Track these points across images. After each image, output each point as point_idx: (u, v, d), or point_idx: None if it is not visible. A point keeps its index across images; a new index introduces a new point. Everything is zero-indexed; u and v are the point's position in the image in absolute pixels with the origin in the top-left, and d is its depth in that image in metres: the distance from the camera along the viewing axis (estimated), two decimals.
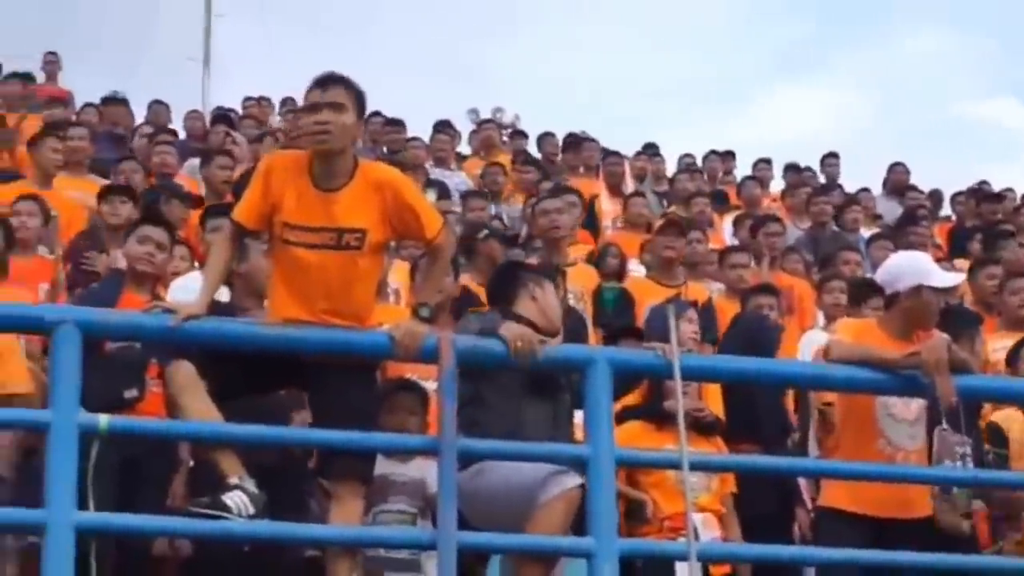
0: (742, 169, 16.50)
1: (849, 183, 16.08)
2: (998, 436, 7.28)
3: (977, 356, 7.30)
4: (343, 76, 5.58)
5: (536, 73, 45.05)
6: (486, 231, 10.01)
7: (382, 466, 6.35)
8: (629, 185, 14.41)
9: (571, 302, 8.73)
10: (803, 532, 7.87)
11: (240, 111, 17.20)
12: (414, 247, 8.50)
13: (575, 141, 15.62)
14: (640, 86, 45.96)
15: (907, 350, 6.03)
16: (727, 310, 9.36)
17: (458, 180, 13.69)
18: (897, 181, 15.94)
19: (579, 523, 5.55)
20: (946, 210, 16.02)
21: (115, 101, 15.09)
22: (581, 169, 14.93)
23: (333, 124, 5.46)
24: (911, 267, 6.52)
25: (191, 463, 6.97)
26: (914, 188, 15.90)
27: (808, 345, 9.10)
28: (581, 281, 9.41)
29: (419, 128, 15.11)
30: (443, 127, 15.21)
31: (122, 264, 7.67)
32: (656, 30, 49.60)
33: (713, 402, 7.63)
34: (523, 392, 6.03)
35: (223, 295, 6.83)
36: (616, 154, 15.16)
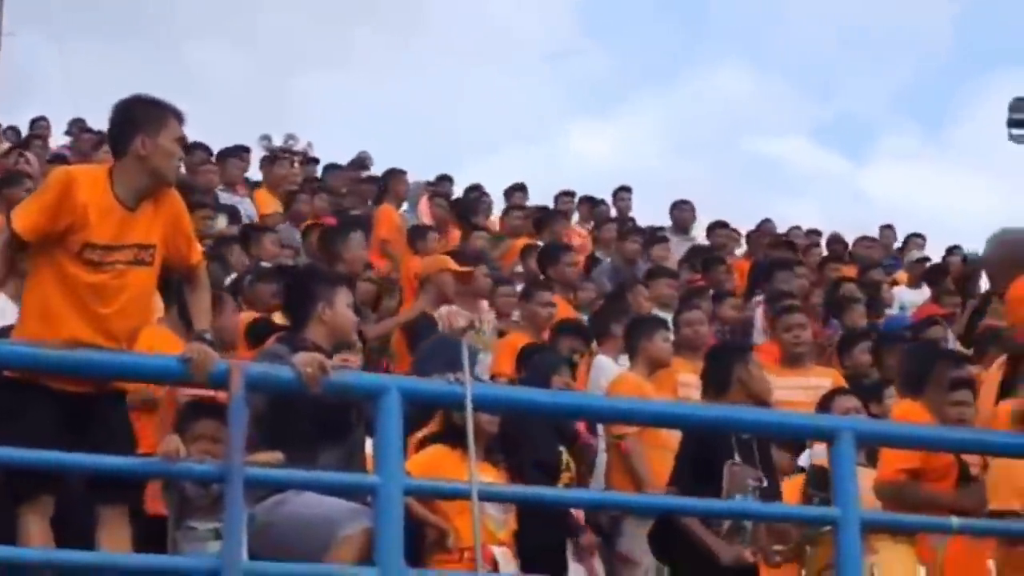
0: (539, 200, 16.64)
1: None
2: (824, 479, 7.20)
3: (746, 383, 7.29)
4: None
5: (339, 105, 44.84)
6: (249, 276, 9.85)
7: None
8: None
9: None
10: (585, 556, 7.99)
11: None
12: None
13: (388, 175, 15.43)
14: (437, 120, 46.06)
15: None
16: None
17: (246, 206, 13.52)
18: (681, 219, 16.23)
19: None
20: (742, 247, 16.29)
21: None
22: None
23: None
24: None
25: None
26: (725, 225, 16.11)
27: (599, 370, 9.23)
28: None
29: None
30: (236, 152, 14.98)
31: None
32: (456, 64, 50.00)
33: None
34: (318, 436, 6.00)
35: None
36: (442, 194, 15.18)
